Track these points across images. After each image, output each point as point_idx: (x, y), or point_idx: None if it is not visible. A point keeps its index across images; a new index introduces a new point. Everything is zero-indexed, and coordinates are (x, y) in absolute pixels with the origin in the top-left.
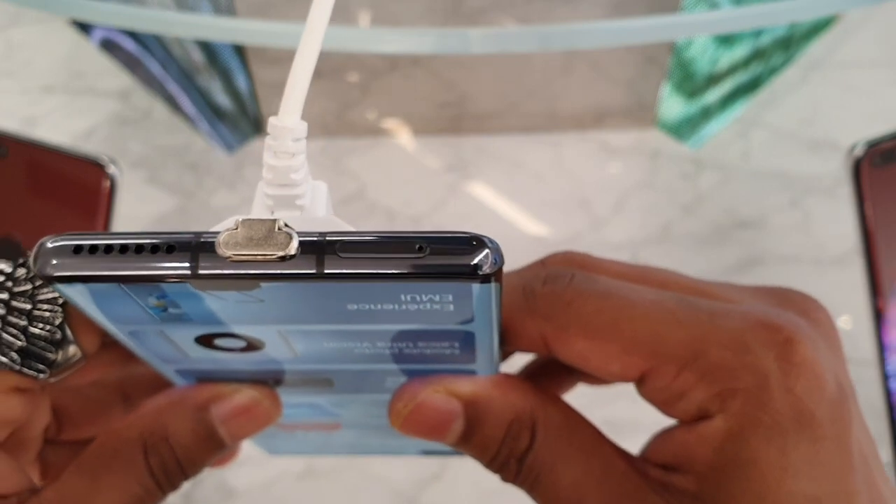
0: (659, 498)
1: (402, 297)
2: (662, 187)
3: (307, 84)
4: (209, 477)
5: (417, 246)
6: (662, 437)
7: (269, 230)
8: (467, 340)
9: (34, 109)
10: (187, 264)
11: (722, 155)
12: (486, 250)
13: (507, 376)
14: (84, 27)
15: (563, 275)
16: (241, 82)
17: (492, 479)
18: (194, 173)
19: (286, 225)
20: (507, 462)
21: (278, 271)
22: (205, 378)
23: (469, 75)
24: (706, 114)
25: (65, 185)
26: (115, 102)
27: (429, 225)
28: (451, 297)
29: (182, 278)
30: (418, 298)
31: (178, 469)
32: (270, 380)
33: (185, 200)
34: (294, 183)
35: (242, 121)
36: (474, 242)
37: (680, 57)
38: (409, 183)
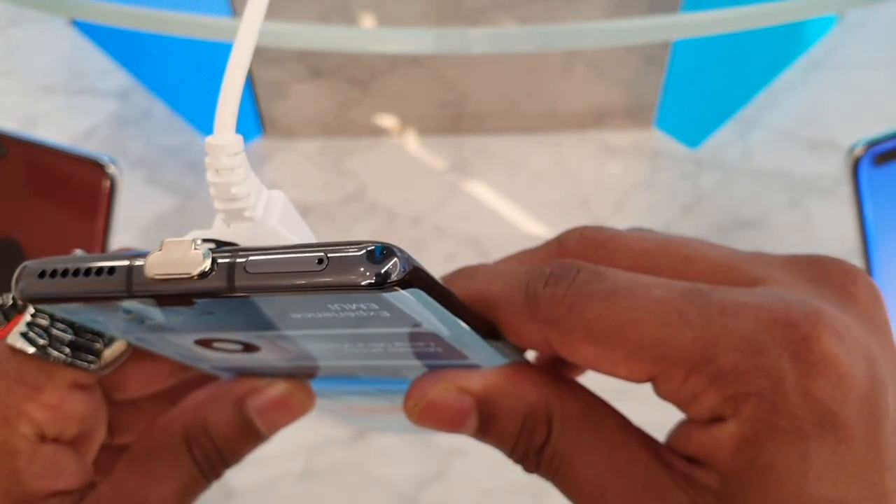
0: (682, 493)
1: (330, 306)
2: (662, 187)
3: (238, 99)
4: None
5: (317, 259)
6: (684, 428)
7: (185, 250)
8: (439, 341)
9: (34, 109)
10: (123, 286)
11: (722, 155)
12: (393, 260)
13: (523, 367)
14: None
15: (566, 274)
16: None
17: (492, 479)
18: (194, 173)
19: (203, 242)
20: (527, 455)
21: (191, 288)
22: (243, 373)
23: (469, 75)
24: None
25: (65, 185)
26: (115, 102)
27: (428, 225)
28: (375, 306)
29: (118, 298)
30: (346, 307)
31: (220, 458)
32: (303, 374)
33: (185, 200)
34: (236, 197)
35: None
36: (377, 252)
37: None
38: (409, 183)
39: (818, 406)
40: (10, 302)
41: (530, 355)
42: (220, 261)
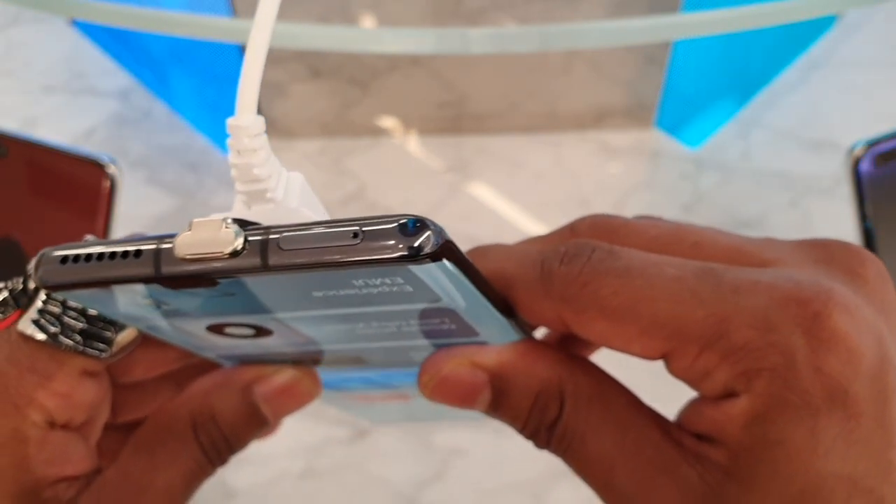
0: (692, 470)
1: (355, 282)
2: (662, 187)
3: (259, 81)
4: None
5: (353, 233)
6: (694, 406)
7: (216, 229)
8: (454, 317)
9: (34, 109)
10: (151, 267)
11: (722, 155)
12: (427, 233)
13: (536, 344)
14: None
15: (581, 252)
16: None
17: (492, 479)
18: (194, 173)
19: (233, 222)
20: (538, 431)
21: (224, 267)
22: (248, 361)
23: (469, 75)
24: None
25: (65, 185)
26: (115, 102)
27: None
28: (401, 280)
29: (146, 280)
30: (371, 283)
31: (226, 445)
32: (309, 360)
33: (185, 200)
34: (258, 178)
35: None
36: (410, 225)
37: None
38: (409, 183)
39: (829, 382)
40: (20, 287)
41: (539, 333)
42: (251, 238)
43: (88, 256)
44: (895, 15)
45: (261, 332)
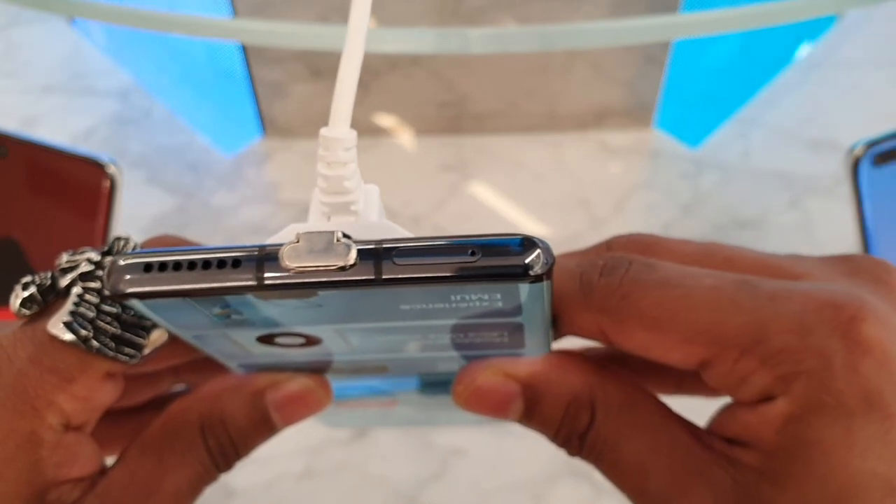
0: (724, 472)
1: (453, 297)
2: (662, 187)
3: (354, 92)
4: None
5: (470, 251)
6: (727, 412)
7: (328, 242)
8: (516, 330)
9: (34, 109)
10: (252, 278)
11: (722, 155)
12: (538, 251)
13: (566, 355)
14: None
15: (620, 265)
16: (241, 83)
17: (491, 479)
18: (194, 173)
19: (344, 236)
20: (570, 439)
21: (338, 279)
22: (263, 368)
23: (469, 75)
24: None
25: (65, 185)
26: (115, 102)
27: (428, 225)
28: (499, 296)
29: (248, 290)
30: (468, 298)
31: (233, 450)
32: (324, 367)
33: (185, 200)
34: (347, 190)
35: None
36: (525, 244)
37: None
38: (410, 183)
39: (865, 384)
40: (48, 282)
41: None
42: (364, 252)
43: (177, 265)
44: (895, 15)
45: (311, 341)
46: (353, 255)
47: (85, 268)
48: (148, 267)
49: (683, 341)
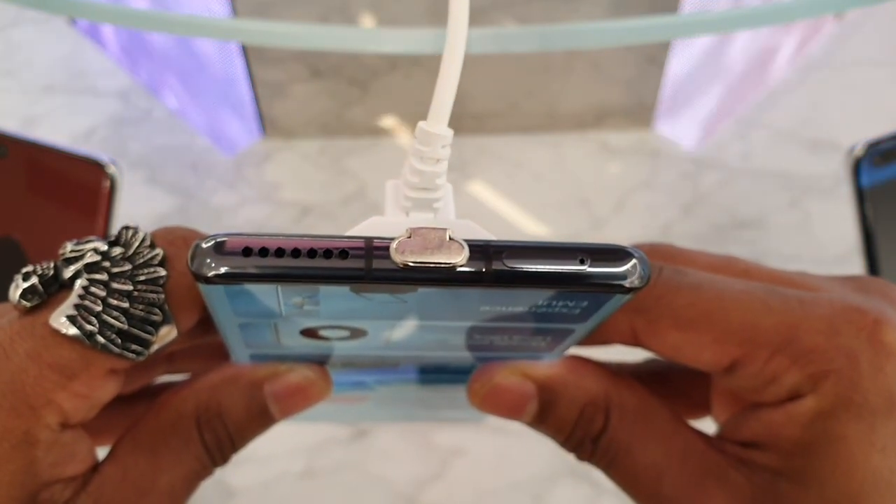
0: (739, 474)
1: (540, 301)
2: (662, 187)
3: (455, 89)
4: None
5: (579, 258)
6: (742, 417)
7: (441, 239)
8: (563, 335)
9: (34, 109)
10: (361, 269)
11: (722, 155)
12: (637, 263)
13: (582, 360)
14: None
15: (652, 269)
16: (241, 83)
17: (491, 479)
18: (194, 173)
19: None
20: (582, 442)
21: (448, 277)
22: (270, 359)
23: (469, 75)
24: None
25: (65, 185)
26: (115, 102)
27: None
28: (585, 304)
29: (356, 281)
30: (554, 303)
31: (230, 443)
32: (324, 360)
33: (185, 200)
34: (437, 187)
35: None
36: (629, 256)
37: None
38: None
39: (889, 383)
40: (51, 272)
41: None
42: (475, 252)
43: (280, 251)
44: (895, 15)
45: (356, 334)
46: (466, 254)
47: (90, 258)
48: (248, 251)
49: (716, 341)
